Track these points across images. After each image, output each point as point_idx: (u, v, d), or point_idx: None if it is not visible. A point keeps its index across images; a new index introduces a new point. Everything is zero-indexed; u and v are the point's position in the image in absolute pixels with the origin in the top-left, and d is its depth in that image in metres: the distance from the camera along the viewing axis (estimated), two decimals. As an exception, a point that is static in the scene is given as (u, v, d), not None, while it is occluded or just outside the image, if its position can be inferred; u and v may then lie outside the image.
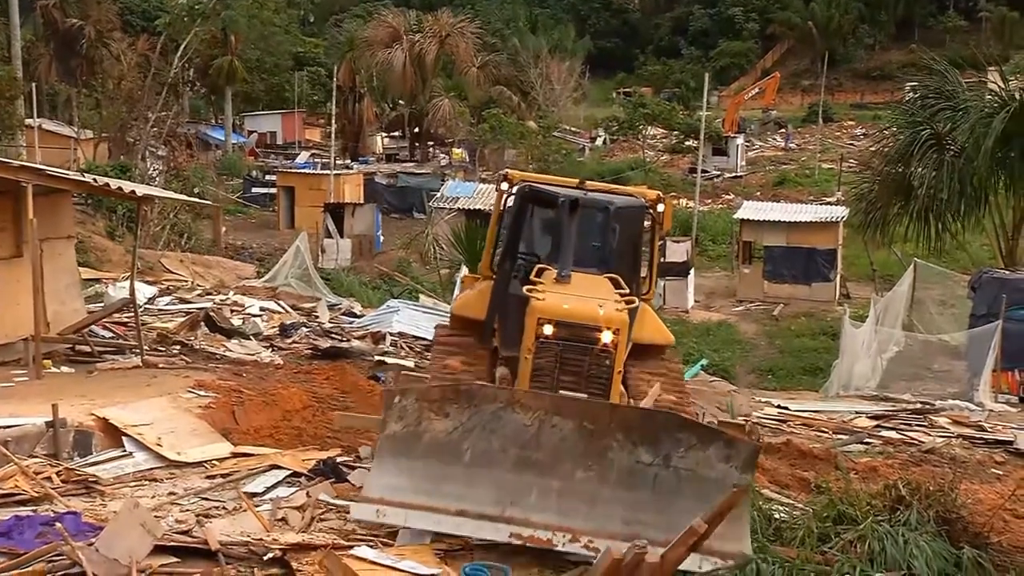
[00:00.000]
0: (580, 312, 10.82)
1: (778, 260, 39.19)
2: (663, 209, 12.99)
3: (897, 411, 18.72)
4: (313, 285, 29.48)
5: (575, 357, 10.82)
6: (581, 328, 10.77)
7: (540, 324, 10.79)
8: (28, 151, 37.16)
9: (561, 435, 9.15)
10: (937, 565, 9.86)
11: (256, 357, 18.39)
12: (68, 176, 18.50)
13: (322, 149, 67.80)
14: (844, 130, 75.20)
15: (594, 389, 10.75)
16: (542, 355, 10.84)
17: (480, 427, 9.21)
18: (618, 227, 12.41)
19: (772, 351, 32.65)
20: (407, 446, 9.27)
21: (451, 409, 9.29)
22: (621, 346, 10.78)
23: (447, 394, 9.42)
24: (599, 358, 10.79)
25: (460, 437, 9.24)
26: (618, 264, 12.16)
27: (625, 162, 66.21)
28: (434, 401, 9.35)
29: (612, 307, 10.88)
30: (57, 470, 11.89)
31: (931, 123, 26.70)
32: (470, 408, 9.28)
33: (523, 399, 9.37)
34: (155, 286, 24.53)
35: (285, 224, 48.06)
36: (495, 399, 9.34)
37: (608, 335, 10.69)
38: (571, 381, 10.76)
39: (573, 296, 11.01)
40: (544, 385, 10.70)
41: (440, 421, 9.27)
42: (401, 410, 9.40)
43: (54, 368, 16.33)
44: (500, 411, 9.22)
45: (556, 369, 10.82)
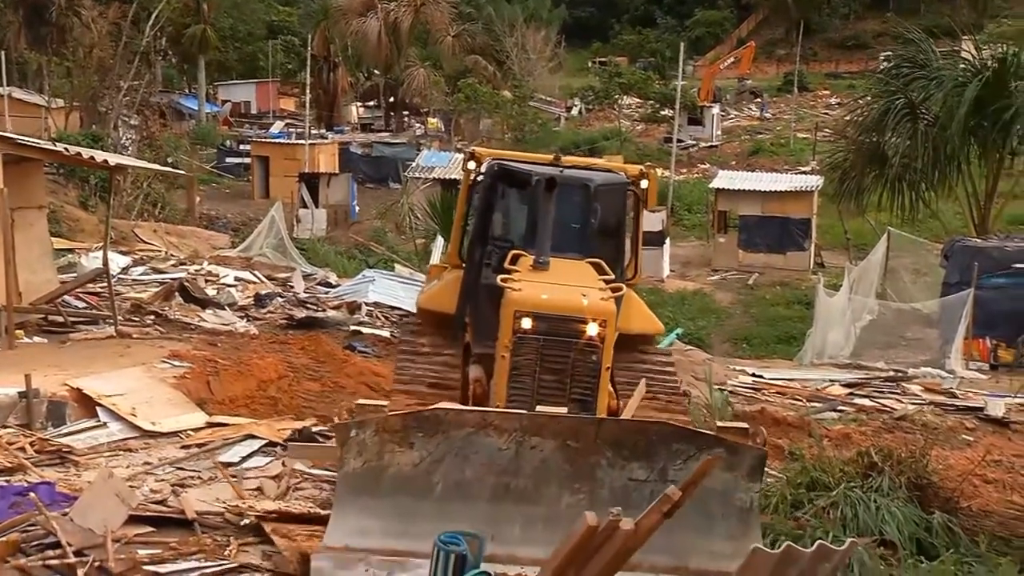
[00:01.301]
0: (562, 303, 9.85)
1: (753, 229, 39.28)
2: (647, 185, 11.88)
3: (870, 379, 18.87)
4: (288, 255, 29.39)
5: (558, 354, 9.83)
6: (563, 321, 9.80)
7: (517, 317, 9.80)
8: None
9: (542, 457, 8.32)
10: (908, 530, 9.97)
11: (231, 327, 18.34)
12: (39, 145, 18.37)
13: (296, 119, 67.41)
14: (819, 99, 75.28)
15: (580, 389, 9.85)
16: (520, 352, 9.84)
17: (451, 455, 8.30)
18: (599, 206, 11.25)
19: (747, 320, 32.78)
20: (370, 484, 8.32)
21: (416, 438, 8.33)
22: (609, 339, 9.85)
23: (410, 422, 8.44)
24: (585, 354, 9.80)
25: (429, 468, 8.34)
26: (601, 247, 11.11)
27: (601, 131, 66.10)
28: (396, 431, 8.39)
29: (597, 296, 9.93)
30: (30, 440, 11.85)
31: (905, 92, 26.76)
32: (437, 435, 8.34)
33: (496, 420, 8.41)
34: (129, 256, 24.41)
35: (260, 194, 47.83)
36: (464, 423, 8.39)
37: (594, 327, 9.72)
38: (553, 381, 9.82)
39: (553, 285, 10.06)
40: (523, 386, 9.82)
41: (405, 453, 8.32)
42: (359, 444, 8.42)
43: (26, 338, 16.25)
44: (471, 436, 8.30)
45: (536, 368, 9.83)
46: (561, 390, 9.77)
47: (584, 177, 11.27)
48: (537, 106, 68.50)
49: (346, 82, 72.59)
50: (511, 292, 9.80)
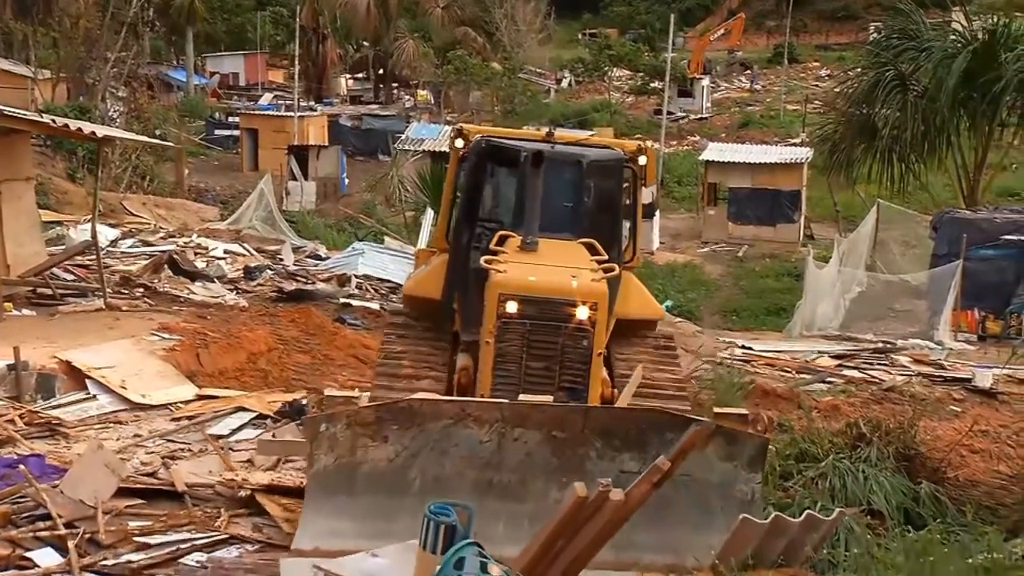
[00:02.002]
0: (549, 285, 9.29)
1: (743, 202, 39.29)
2: (645, 162, 11.27)
3: (859, 350, 18.92)
4: (278, 228, 29.34)
5: (545, 339, 9.28)
6: (551, 304, 9.25)
7: (502, 301, 9.25)
8: (-16, 92, 36.51)
9: (526, 449, 7.92)
10: (896, 500, 10.03)
11: (221, 300, 18.33)
12: (26, 116, 18.24)
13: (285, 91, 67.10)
14: (809, 71, 75.15)
15: (570, 376, 9.31)
16: (506, 338, 9.30)
17: (428, 449, 7.90)
18: (593, 184, 10.67)
19: (736, 292, 32.83)
20: (342, 481, 7.91)
21: (390, 431, 7.92)
22: (600, 323, 9.31)
23: (383, 414, 8.02)
24: (574, 339, 9.26)
25: (405, 463, 7.94)
26: (595, 227, 10.50)
27: (591, 104, 65.94)
28: (368, 424, 7.97)
29: (588, 277, 9.36)
30: (20, 412, 11.84)
31: (895, 63, 26.74)
32: (413, 428, 7.93)
33: (475, 411, 8.00)
34: (117, 228, 24.34)
35: (249, 166, 47.66)
36: (441, 414, 7.98)
37: (584, 311, 9.19)
38: (542, 368, 9.27)
39: (541, 266, 9.49)
40: (509, 374, 9.27)
41: (379, 447, 7.90)
42: (330, 439, 8.00)
43: (15, 311, 16.20)
44: (449, 428, 7.89)
45: (523, 355, 9.29)
46: (550, 377, 9.28)
47: (576, 153, 10.72)
48: (527, 78, 68.26)
49: (335, 54, 72.25)
50: (495, 274, 9.27)
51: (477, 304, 9.55)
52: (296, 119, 49.19)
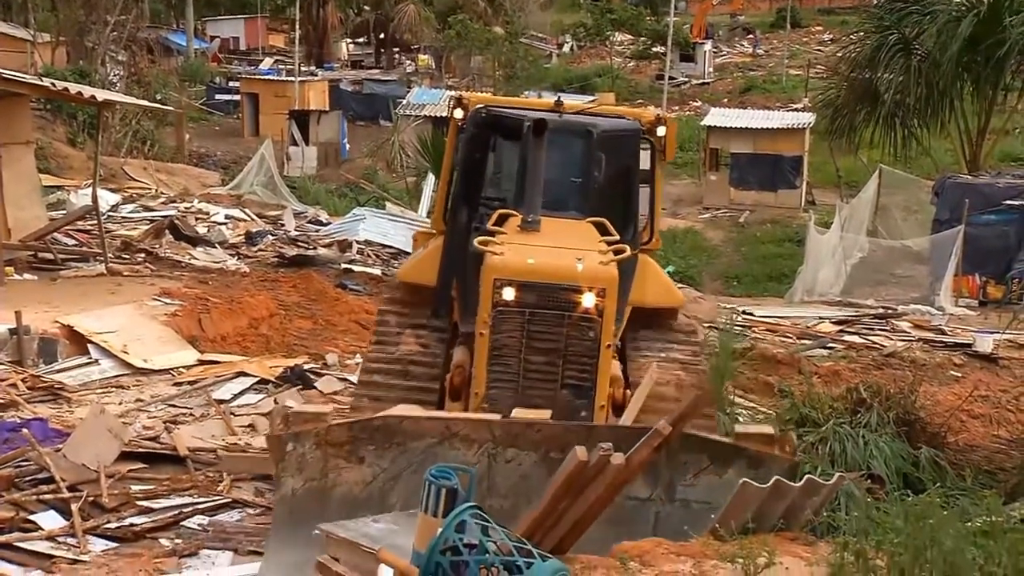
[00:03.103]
0: (551, 269, 8.34)
1: (744, 167, 39.17)
2: (664, 133, 10.26)
3: (860, 316, 18.93)
4: (279, 193, 29.30)
5: (547, 330, 8.32)
6: (553, 290, 8.29)
7: (497, 287, 8.27)
8: (-17, 56, 36.40)
9: (521, 472, 7.16)
10: (895, 464, 10.09)
11: (222, 265, 18.35)
12: (25, 80, 18.20)
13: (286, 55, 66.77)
14: (812, 36, 74.73)
15: (575, 372, 8.37)
16: (502, 329, 8.34)
17: (410, 471, 7.12)
18: (604, 157, 9.70)
19: (738, 258, 32.81)
20: (313, 507, 7.14)
21: (366, 452, 7.19)
22: (609, 312, 8.35)
23: (357, 432, 7.26)
24: (580, 330, 8.30)
25: (384, 487, 7.18)
26: (606, 205, 9.57)
27: (593, 68, 65.67)
28: (341, 444, 7.21)
29: (595, 260, 8.40)
30: (22, 377, 11.90)
31: (898, 27, 26.58)
32: (392, 448, 7.20)
33: (462, 429, 7.22)
34: (118, 194, 24.33)
35: (249, 131, 47.51)
36: (424, 433, 7.23)
37: (590, 298, 8.22)
38: (543, 363, 8.32)
39: (543, 248, 8.56)
40: (507, 370, 8.36)
41: (353, 469, 7.17)
42: (299, 460, 7.25)
43: (16, 275, 16.22)
44: (433, 448, 7.15)
45: (522, 348, 8.35)
46: (552, 374, 8.35)
47: (586, 123, 9.72)
48: (528, 43, 67.90)
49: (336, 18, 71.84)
50: (491, 257, 8.36)
51: (476, 291, 8.62)
52: (297, 84, 48.99)
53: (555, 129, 9.29)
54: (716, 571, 6.29)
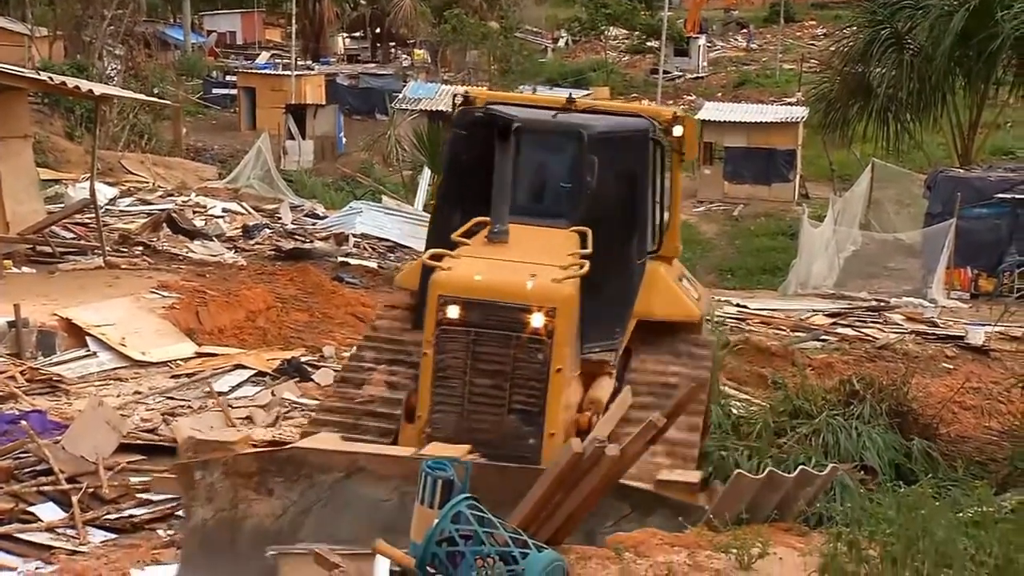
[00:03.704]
0: (498, 286, 7.79)
1: (738, 161, 39.15)
2: (681, 132, 9.63)
3: (853, 308, 18.97)
4: (276, 187, 29.27)
5: (493, 352, 7.77)
6: (499, 309, 7.72)
7: (441, 305, 7.79)
8: (-19, 50, 36.28)
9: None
10: (888, 456, 10.10)
11: (219, 258, 18.36)
12: (23, 74, 18.17)
13: (283, 49, 66.69)
14: (805, 30, 74.64)
15: (522, 397, 7.78)
16: (447, 349, 7.83)
17: (320, 506, 6.77)
18: (601, 161, 8.90)
19: (731, 251, 32.83)
20: (224, 539, 6.79)
21: (275, 484, 6.79)
22: (562, 333, 7.75)
23: (266, 464, 6.89)
24: (528, 351, 7.72)
25: (295, 521, 6.78)
26: (606, 213, 8.89)
27: (587, 63, 65.59)
28: (249, 475, 6.83)
29: (548, 276, 7.82)
30: (21, 369, 11.89)
31: (891, 22, 26.58)
32: (301, 481, 6.80)
33: (371, 464, 6.78)
34: (116, 187, 24.28)
35: (246, 125, 47.42)
36: (332, 467, 6.81)
37: (539, 318, 7.65)
38: (489, 387, 7.76)
39: (499, 262, 8.01)
40: (452, 392, 7.82)
41: (263, 501, 6.76)
42: (208, 489, 6.88)
43: (14, 268, 16.22)
44: (342, 483, 6.74)
45: (467, 369, 7.80)
46: (499, 398, 7.80)
47: (577, 124, 9.05)
48: (523, 37, 67.84)
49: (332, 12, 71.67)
50: (437, 272, 7.90)
51: None
52: (293, 78, 48.91)
53: (542, 131, 8.94)
54: (710, 561, 6.30)
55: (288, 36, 60.37)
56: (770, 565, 6.27)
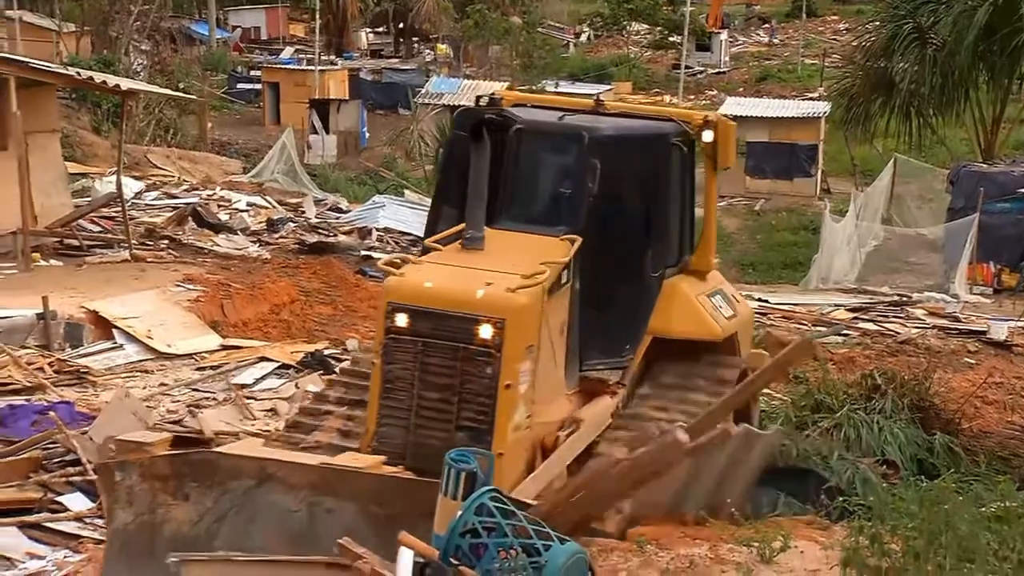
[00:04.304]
0: (446, 294, 7.40)
1: (760, 156, 38.98)
2: (712, 138, 8.85)
3: (874, 303, 18.87)
4: (299, 181, 29.34)
5: (441, 363, 7.37)
6: (447, 319, 7.32)
7: (390, 312, 7.45)
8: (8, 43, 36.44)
9: (342, 524, 6.15)
10: (910, 451, 10.08)
11: (244, 251, 18.40)
12: (51, 69, 18.27)
13: (306, 45, 66.78)
14: (827, 25, 74.29)
15: (471, 413, 7.35)
16: (395, 359, 7.46)
17: (234, 513, 6.41)
18: (607, 165, 8.22)
19: (753, 246, 32.71)
20: (144, 544, 6.47)
21: (190, 488, 6.45)
22: (512, 346, 7.25)
23: (180, 467, 6.55)
24: (476, 365, 7.29)
25: (210, 529, 6.42)
26: (609, 219, 8.25)
27: (609, 58, 65.47)
28: (165, 478, 6.49)
29: (503, 286, 7.34)
30: (49, 361, 11.96)
31: (914, 16, 26.43)
32: (215, 487, 6.45)
33: (279, 472, 6.40)
34: (142, 181, 24.35)
35: (271, 120, 47.54)
36: (242, 473, 6.44)
37: (487, 329, 7.21)
38: (438, 400, 7.37)
39: (457, 269, 7.64)
40: (399, 405, 7.43)
41: (179, 507, 6.43)
42: (128, 492, 6.56)
43: (43, 261, 16.31)
44: (253, 490, 6.38)
45: (415, 382, 7.40)
46: (448, 412, 7.39)
47: (581, 125, 8.51)
48: (545, 32, 67.76)
49: (355, 8, 71.69)
50: (388, 279, 7.68)
51: None
52: (317, 73, 48.98)
53: (544, 133, 8.53)
54: (732, 554, 6.30)
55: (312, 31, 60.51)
56: (791, 558, 6.26)
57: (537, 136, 8.44)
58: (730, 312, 9.25)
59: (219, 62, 59.28)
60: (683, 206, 9.12)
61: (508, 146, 8.30)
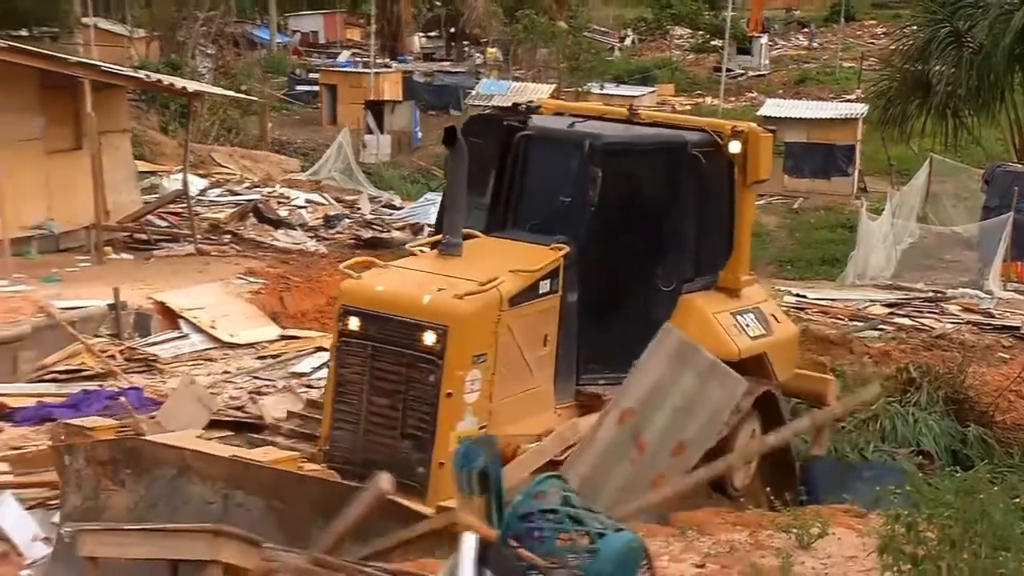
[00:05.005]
0: (394, 298, 7.13)
1: (799, 155, 38.64)
2: (739, 149, 8.24)
3: (910, 299, 18.65)
4: (355, 179, 29.45)
5: (389, 368, 7.12)
6: (394, 324, 7.05)
7: (342, 315, 7.26)
8: (84, 49, 36.88)
9: (251, 518, 5.90)
10: (944, 442, 10.00)
11: (302, 246, 18.52)
12: (123, 72, 18.48)
13: (362, 48, 67.04)
14: (865, 29, 73.53)
15: (414, 420, 7.04)
16: (347, 362, 7.25)
17: (164, 502, 6.16)
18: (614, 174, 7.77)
19: (791, 242, 32.41)
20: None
21: (125, 475, 6.23)
22: (454, 354, 6.90)
23: (116, 453, 6.29)
24: (419, 371, 7.01)
25: (144, 516, 6.15)
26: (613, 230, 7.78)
27: (652, 61, 65.18)
28: (105, 463, 6.26)
29: (453, 292, 7.03)
30: (120, 349, 12.11)
31: (951, 20, 26.09)
32: (145, 475, 6.21)
33: (196, 464, 6.15)
34: (206, 179, 24.57)
35: (328, 120, 47.75)
36: (164, 462, 6.20)
37: (430, 335, 6.92)
38: (386, 406, 7.10)
39: (415, 274, 7.35)
40: (350, 409, 7.18)
41: (118, 493, 6.20)
42: (76, 476, 6.35)
43: (114, 255, 16.52)
44: (176, 480, 6.13)
45: (365, 386, 7.16)
46: (394, 419, 7.10)
47: (585, 133, 8.04)
48: (591, 36, 67.56)
49: (409, 13, 71.89)
50: (345, 281, 7.45)
51: None
52: (372, 75, 49.15)
53: (550, 140, 8.17)
54: (771, 540, 6.25)
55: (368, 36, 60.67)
56: (829, 544, 6.21)
57: (543, 143, 8.09)
58: (760, 331, 8.69)
59: (279, 65, 59.63)
60: (708, 219, 8.50)
61: (516, 153, 8.02)
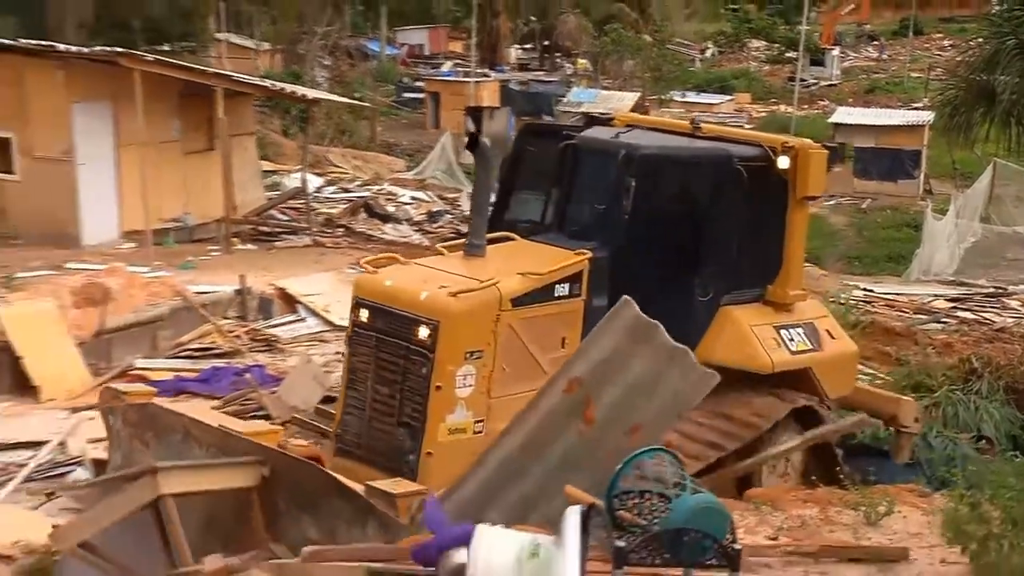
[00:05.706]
0: (398, 294, 7.05)
1: (868, 159, 37.88)
2: (787, 165, 7.70)
3: (972, 294, 18.17)
4: (456, 178, 29.56)
5: (391, 359, 7.04)
6: (396, 317, 6.99)
7: (355, 306, 7.27)
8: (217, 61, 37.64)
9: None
10: (1004, 428, 9.72)
11: (408, 239, 18.65)
12: (251, 81, 18.83)
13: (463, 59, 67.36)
14: (932, 42, 71.63)
15: (408, 409, 6.92)
16: (357, 352, 7.22)
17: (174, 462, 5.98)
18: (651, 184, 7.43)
19: (859, 240, 31.77)
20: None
21: (149, 437, 6.22)
22: (445, 349, 6.74)
23: (143, 416, 6.26)
24: (414, 363, 6.88)
25: None
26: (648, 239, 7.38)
27: (731, 71, 64.38)
28: (136, 425, 6.27)
29: (450, 290, 6.87)
30: (245, 329, 12.34)
31: (1016, 34, 25.25)
32: (161, 436, 6.17)
33: (196, 431, 6.07)
34: (322, 177, 24.89)
35: (431, 125, 48.02)
36: (173, 428, 6.14)
37: (424, 330, 6.80)
38: (387, 395, 7.03)
39: (423, 271, 7.27)
40: (360, 396, 7.13)
41: (144, 452, 6.15)
42: (117, 436, 6.40)
43: (241, 245, 16.83)
44: (182, 442, 6.07)
45: (371, 374, 7.09)
46: (393, 407, 7.01)
47: (621, 143, 7.68)
48: (675, 49, 66.96)
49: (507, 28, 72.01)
50: (360, 274, 7.52)
51: None
52: (472, 84, 49.34)
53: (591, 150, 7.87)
54: (840, 516, 6.14)
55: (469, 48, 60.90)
56: (895, 522, 6.08)
57: (586, 153, 7.82)
58: (806, 347, 8.05)
59: (388, 75, 60.13)
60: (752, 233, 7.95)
61: (563, 161, 7.84)
